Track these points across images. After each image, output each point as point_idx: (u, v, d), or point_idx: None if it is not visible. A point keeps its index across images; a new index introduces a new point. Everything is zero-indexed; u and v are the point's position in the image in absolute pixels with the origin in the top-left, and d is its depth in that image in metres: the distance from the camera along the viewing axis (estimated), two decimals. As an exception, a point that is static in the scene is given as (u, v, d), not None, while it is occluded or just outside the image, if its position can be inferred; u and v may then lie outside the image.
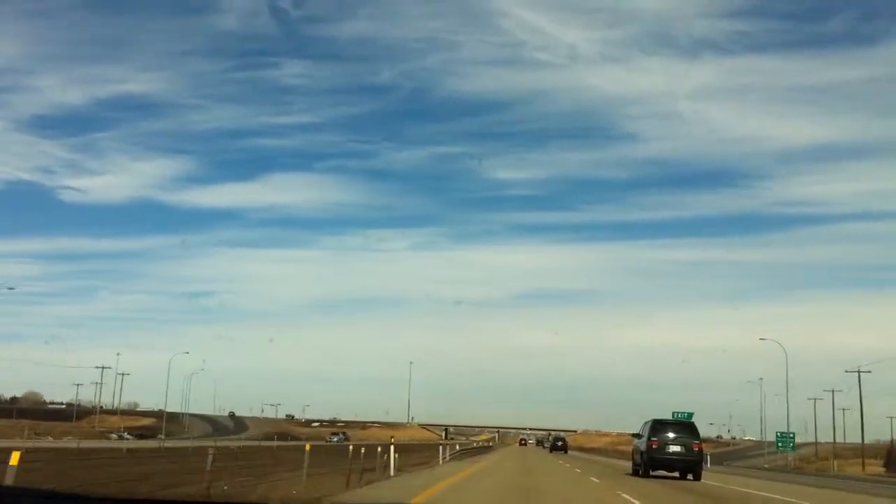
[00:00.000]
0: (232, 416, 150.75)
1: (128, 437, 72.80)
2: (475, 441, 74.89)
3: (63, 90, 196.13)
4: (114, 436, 73.84)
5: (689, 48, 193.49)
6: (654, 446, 31.04)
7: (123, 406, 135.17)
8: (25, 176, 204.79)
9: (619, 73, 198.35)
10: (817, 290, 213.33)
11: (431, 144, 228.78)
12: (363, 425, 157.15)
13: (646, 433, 31.68)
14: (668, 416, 43.41)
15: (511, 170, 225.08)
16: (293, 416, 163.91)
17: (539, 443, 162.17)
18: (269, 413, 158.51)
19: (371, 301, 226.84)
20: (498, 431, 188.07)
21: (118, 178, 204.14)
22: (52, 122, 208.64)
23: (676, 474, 31.64)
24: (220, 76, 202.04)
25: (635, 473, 33.03)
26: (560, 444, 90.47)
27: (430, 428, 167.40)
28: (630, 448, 41.07)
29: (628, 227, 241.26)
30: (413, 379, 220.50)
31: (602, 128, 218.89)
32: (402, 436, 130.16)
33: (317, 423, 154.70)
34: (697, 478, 30.50)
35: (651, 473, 31.22)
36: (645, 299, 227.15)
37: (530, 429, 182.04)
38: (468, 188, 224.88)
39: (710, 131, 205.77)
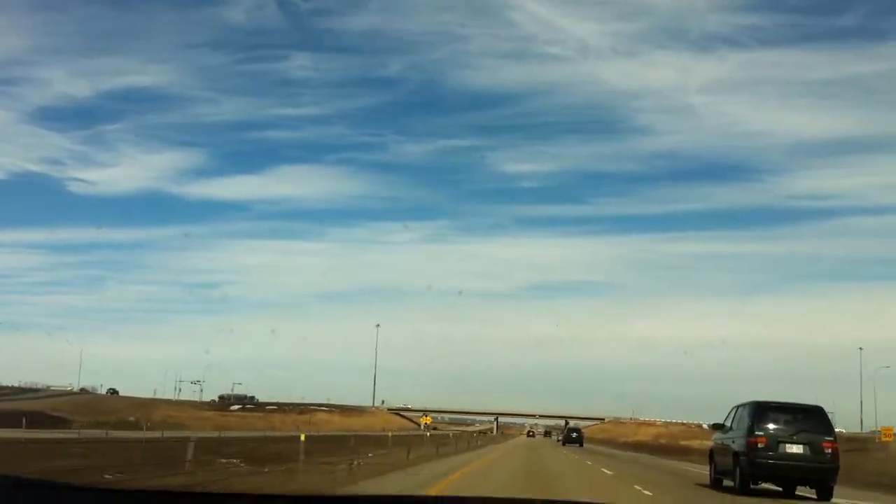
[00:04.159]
0: (111, 392, 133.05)
1: None
2: None
3: (70, 82, 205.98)
4: None
5: (701, 42, 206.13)
6: (758, 444, 20.56)
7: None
8: (33, 167, 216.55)
9: (631, 66, 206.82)
10: (828, 284, 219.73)
11: (440, 137, 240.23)
12: (301, 409, 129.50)
13: (742, 424, 21.86)
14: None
15: (520, 163, 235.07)
16: (223, 397, 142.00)
17: (547, 434, 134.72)
18: (189, 393, 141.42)
19: (374, 293, 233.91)
20: (496, 419, 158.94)
21: (127, 170, 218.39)
22: (59, 114, 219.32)
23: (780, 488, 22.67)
24: (227, 69, 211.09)
25: (716, 485, 23.67)
26: (575, 435, 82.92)
27: (405, 414, 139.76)
28: (709, 445, 28.41)
29: (638, 220, 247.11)
30: (426, 369, 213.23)
31: (612, 121, 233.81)
32: (356, 424, 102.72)
33: (238, 407, 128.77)
34: (827, 496, 20.85)
35: (752, 486, 21.72)
36: (656, 292, 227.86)
37: (540, 415, 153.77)
38: (477, 181, 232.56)
39: (721, 125, 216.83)
